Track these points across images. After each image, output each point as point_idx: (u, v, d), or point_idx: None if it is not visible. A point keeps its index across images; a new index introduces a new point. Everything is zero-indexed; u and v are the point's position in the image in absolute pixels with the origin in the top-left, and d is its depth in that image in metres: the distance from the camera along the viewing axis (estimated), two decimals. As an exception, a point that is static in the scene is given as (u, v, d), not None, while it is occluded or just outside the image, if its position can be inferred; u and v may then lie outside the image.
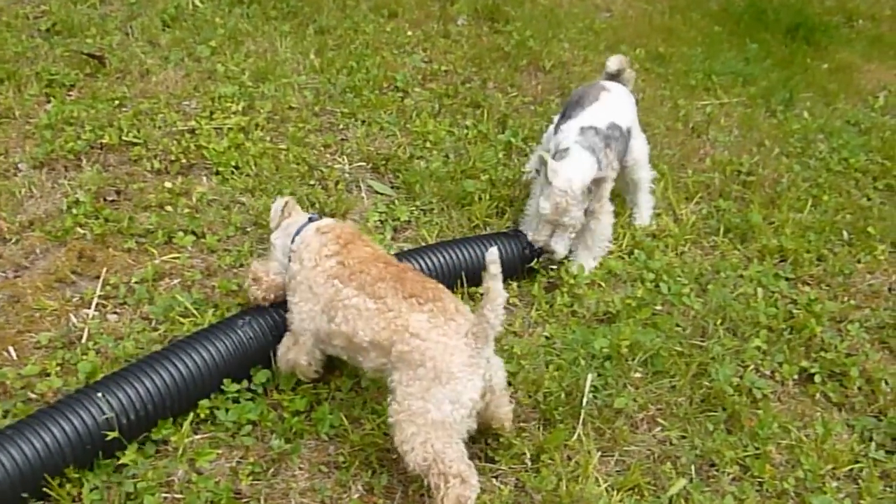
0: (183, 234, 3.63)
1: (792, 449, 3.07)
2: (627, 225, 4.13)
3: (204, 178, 4.03)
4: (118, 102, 4.39)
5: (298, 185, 4.04)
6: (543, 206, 3.55)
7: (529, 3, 6.58)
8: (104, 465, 2.60)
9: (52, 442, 2.47)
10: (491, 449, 2.89)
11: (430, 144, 4.52)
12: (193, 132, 4.25)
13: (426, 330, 2.51)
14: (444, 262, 3.45)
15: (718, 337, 3.49)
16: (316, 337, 2.79)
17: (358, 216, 3.96)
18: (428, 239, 3.84)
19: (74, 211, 3.64)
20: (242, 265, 3.50)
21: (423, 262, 3.41)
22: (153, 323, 3.20)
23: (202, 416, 2.81)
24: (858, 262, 4.20)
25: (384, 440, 2.79)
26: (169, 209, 3.77)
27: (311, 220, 2.99)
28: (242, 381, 2.92)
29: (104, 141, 4.06)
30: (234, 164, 4.07)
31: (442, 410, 2.45)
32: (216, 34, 5.13)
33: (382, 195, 4.14)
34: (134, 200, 3.80)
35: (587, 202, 3.59)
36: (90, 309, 3.23)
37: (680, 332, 3.50)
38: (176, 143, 4.14)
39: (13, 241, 3.50)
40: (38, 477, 2.44)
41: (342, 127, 4.61)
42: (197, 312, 3.22)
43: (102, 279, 3.36)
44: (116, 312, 3.26)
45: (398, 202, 4.08)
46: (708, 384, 3.24)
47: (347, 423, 2.87)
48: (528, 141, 4.66)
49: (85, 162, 3.96)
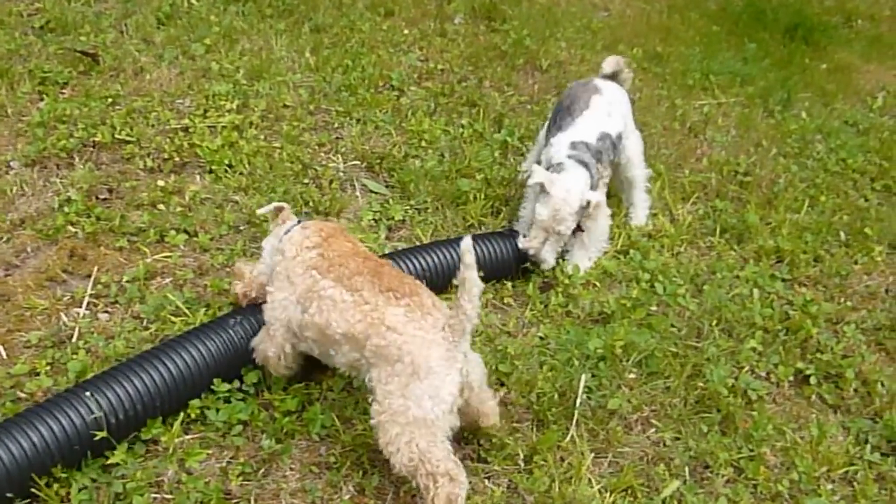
0: (175, 232, 3.61)
1: (787, 451, 3.05)
2: (623, 225, 4.11)
3: (197, 176, 4.01)
4: (111, 100, 4.36)
5: (292, 183, 4.01)
6: (541, 212, 3.56)
7: (527, 1, 6.55)
8: (93, 464, 2.58)
9: (39, 441, 2.45)
10: (483, 450, 2.87)
11: (425, 143, 4.50)
12: (187, 130, 4.23)
13: (403, 324, 2.49)
14: (437, 261, 3.43)
15: (714, 338, 3.48)
16: (287, 328, 2.77)
17: (352, 215, 3.94)
18: (422, 238, 3.83)
19: (66, 209, 3.62)
20: (239, 259, 3.48)
21: (418, 261, 3.39)
22: (144, 322, 3.18)
23: (192, 415, 2.80)
24: (855, 263, 4.18)
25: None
26: (161, 207, 3.75)
27: (299, 222, 3.00)
28: (234, 381, 2.90)
29: (97, 139, 4.04)
30: (227, 162, 4.05)
31: (422, 407, 2.43)
32: (211, 32, 5.11)
33: (377, 194, 4.12)
34: (126, 199, 3.78)
35: (579, 217, 3.63)
36: (81, 308, 3.22)
37: (675, 332, 3.48)
38: (169, 141, 4.12)
39: (4, 239, 3.47)
40: (24, 477, 2.42)
41: (337, 125, 4.59)
42: (188, 311, 3.20)
43: (93, 278, 3.34)
44: (107, 311, 3.24)
45: (392, 201, 4.06)
46: (702, 385, 3.23)
47: (339, 423, 2.86)
48: (524, 140, 4.64)
49: (77, 160, 3.94)
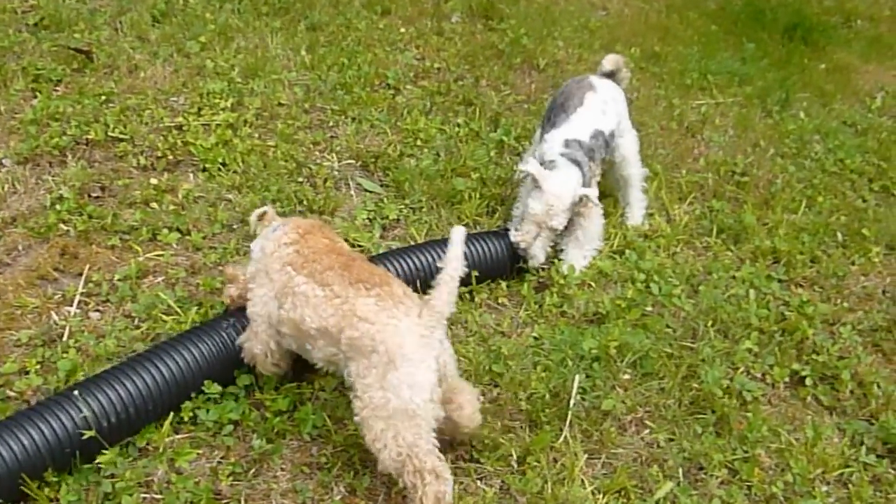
0: (168, 231, 3.58)
1: (781, 452, 3.03)
2: (619, 225, 4.09)
3: (190, 174, 3.98)
4: (105, 98, 4.33)
5: (286, 182, 3.99)
6: (534, 206, 3.55)
7: (524, 0, 6.53)
8: (85, 470, 2.55)
9: (30, 445, 2.42)
10: (476, 450, 2.85)
11: (420, 142, 4.47)
12: (181, 128, 4.20)
13: (374, 313, 2.49)
14: (434, 261, 3.41)
15: (709, 338, 3.46)
16: (268, 323, 2.78)
17: (346, 214, 3.92)
18: (417, 238, 3.80)
19: (58, 207, 3.59)
20: (228, 263, 3.46)
21: (411, 262, 3.37)
22: (135, 321, 3.16)
23: (185, 417, 2.77)
24: (852, 264, 4.16)
25: (367, 442, 2.75)
26: (154, 206, 3.72)
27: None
28: (228, 385, 2.88)
29: (90, 137, 4.01)
30: (221, 160, 4.02)
31: (401, 397, 2.41)
32: (206, 30, 5.08)
33: (371, 193, 4.10)
34: (119, 197, 3.75)
35: (572, 212, 3.63)
36: (72, 306, 3.19)
37: (670, 333, 3.46)
38: (163, 139, 4.09)
39: (-5, 237, 3.46)
40: (14, 480, 2.39)
41: (332, 124, 4.56)
42: (180, 310, 3.18)
43: (85, 276, 3.32)
44: (98, 310, 3.22)
45: (387, 200, 4.03)
46: (697, 386, 3.20)
47: (330, 423, 2.84)
48: (520, 139, 4.62)
49: (70, 158, 3.91)
